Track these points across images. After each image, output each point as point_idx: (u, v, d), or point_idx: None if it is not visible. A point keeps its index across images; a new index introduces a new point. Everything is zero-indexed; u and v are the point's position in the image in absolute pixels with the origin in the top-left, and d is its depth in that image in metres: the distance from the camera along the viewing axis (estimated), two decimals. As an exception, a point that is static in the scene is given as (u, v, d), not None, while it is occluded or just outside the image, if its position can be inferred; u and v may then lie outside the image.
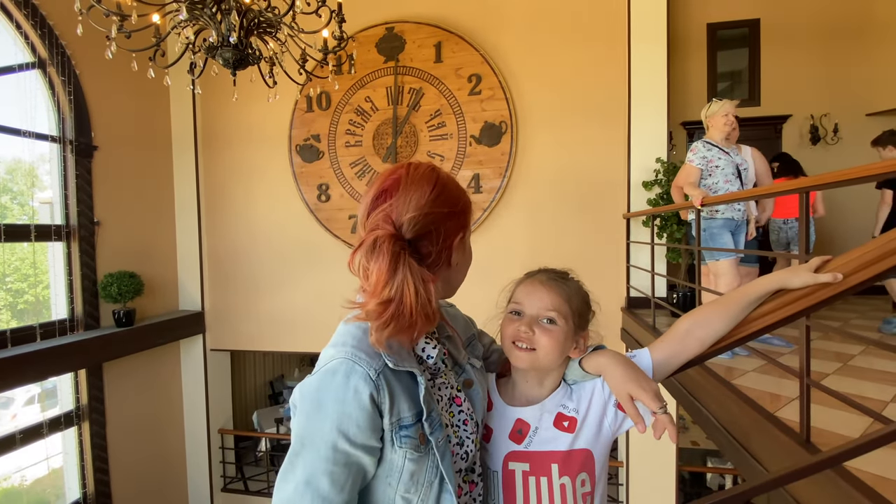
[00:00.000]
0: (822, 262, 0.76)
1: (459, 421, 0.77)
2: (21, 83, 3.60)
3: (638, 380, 0.76)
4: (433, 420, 0.69)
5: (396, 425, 0.65)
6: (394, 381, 0.66)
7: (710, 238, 2.72)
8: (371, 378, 0.64)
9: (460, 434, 0.76)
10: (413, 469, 0.66)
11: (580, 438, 0.79)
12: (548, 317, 0.81)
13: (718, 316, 0.81)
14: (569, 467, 0.78)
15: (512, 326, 0.83)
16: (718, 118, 2.83)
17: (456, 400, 0.78)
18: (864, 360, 2.40)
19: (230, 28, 1.94)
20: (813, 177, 1.54)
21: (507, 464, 0.80)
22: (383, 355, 0.66)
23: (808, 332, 1.42)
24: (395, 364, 0.66)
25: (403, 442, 0.65)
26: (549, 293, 0.82)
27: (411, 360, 0.70)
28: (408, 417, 0.67)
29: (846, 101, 4.89)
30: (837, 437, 1.56)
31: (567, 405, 0.82)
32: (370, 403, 0.63)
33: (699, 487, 4.98)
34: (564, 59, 4.13)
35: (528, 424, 0.81)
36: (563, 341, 0.81)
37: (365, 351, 0.66)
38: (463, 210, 0.76)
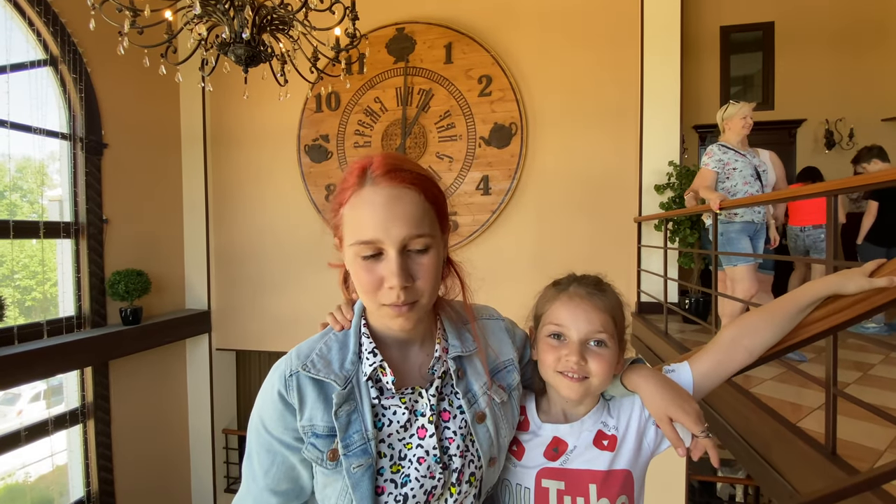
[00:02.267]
0: (876, 266, 0.72)
1: (413, 457, 0.66)
2: (32, 80, 3.61)
3: (678, 401, 0.70)
4: (351, 443, 0.63)
5: (308, 430, 0.64)
6: (309, 386, 0.65)
7: (727, 243, 2.66)
8: (284, 377, 0.65)
9: (405, 471, 0.65)
10: (324, 482, 0.65)
11: (620, 458, 0.74)
12: (597, 339, 0.73)
13: (767, 324, 0.76)
14: (608, 489, 0.72)
15: (555, 354, 0.74)
16: (736, 121, 2.78)
17: (419, 432, 0.67)
18: (885, 370, 2.34)
19: (243, 24, 1.92)
20: (839, 180, 1.49)
21: (541, 481, 0.74)
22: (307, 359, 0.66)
23: (835, 341, 1.37)
24: (308, 369, 0.65)
25: (308, 449, 0.64)
26: (595, 311, 0.74)
27: (340, 371, 0.66)
28: (320, 427, 0.64)
29: (861, 106, 4.82)
30: (864, 449, 1.50)
31: (608, 423, 0.76)
32: (279, 399, 0.64)
33: (709, 497, 4.90)
34: (576, 61, 4.09)
35: (565, 443, 0.75)
36: (614, 364, 0.75)
37: (299, 351, 0.68)
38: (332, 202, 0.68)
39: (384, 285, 0.62)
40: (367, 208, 0.61)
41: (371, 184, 0.62)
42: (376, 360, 0.67)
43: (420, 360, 0.72)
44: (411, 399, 0.68)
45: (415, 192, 0.63)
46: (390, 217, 0.60)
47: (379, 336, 0.70)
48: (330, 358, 0.67)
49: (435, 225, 0.65)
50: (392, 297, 0.62)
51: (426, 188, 0.64)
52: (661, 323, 3.20)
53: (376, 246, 0.61)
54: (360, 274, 0.63)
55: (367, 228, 0.61)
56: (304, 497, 0.69)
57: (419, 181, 0.64)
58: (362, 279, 0.63)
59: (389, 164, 0.63)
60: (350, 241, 0.63)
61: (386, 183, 0.61)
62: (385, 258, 0.62)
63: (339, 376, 0.66)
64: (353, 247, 0.62)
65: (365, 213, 0.61)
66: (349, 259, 0.64)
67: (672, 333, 3.10)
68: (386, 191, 0.61)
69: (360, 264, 0.62)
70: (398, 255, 0.61)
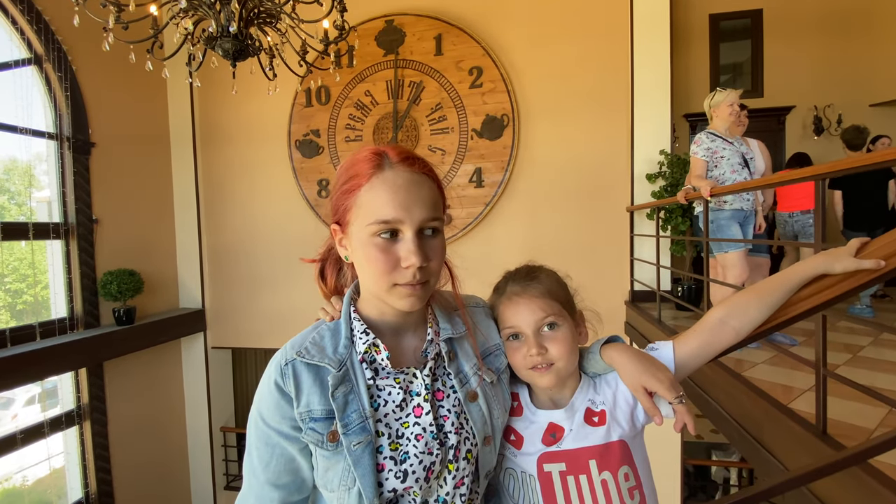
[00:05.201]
0: (860, 245, 0.74)
1: (411, 435, 0.68)
2: (17, 79, 3.55)
3: (651, 370, 0.73)
4: (350, 422, 0.65)
5: (306, 416, 0.66)
6: (304, 372, 0.67)
7: (717, 230, 2.69)
8: (280, 366, 0.67)
9: (404, 448, 0.67)
10: (326, 465, 0.66)
11: (613, 431, 0.76)
12: (547, 323, 0.77)
13: (755, 304, 0.77)
14: (608, 462, 0.74)
15: (520, 353, 0.77)
16: (723, 108, 2.79)
17: (416, 410, 0.69)
18: (875, 351, 2.38)
19: (229, 18, 1.90)
20: (827, 164, 1.51)
21: (542, 466, 0.76)
22: (301, 347, 0.68)
23: (824, 322, 1.39)
24: (303, 355, 0.67)
25: (308, 433, 0.66)
26: (534, 301, 0.77)
27: (334, 355, 0.68)
28: (317, 411, 0.66)
29: (849, 92, 4.86)
30: (854, 428, 1.53)
31: (594, 399, 0.78)
32: (276, 389, 0.66)
33: (704, 480, 4.98)
34: (566, 51, 4.09)
35: (560, 427, 0.77)
36: (572, 339, 0.78)
37: (294, 343, 0.70)
38: (332, 198, 0.70)
39: (400, 265, 0.64)
40: (389, 189, 0.64)
41: (390, 168, 0.65)
42: (369, 338, 0.70)
43: (413, 344, 0.75)
44: (405, 380, 0.71)
45: (430, 180, 0.67)
46: (411, 199, 0.64)
47: (372, 323, 0.72)
48: (323, 345, 0.69)
49: (441, 212, 0.69)
50: (408, 276, 0.64)
51: (436, 178, 0.69)
52: (654, 311, 3.23)
53: (395, 226, 0.64)
54: (374, 254, 0.64)
55: (388, 208, 0.63)
56: (305, 491, 0.70)
57: (431, 171, 0.69)
58: (377, 259, 0.64)
59: (406, 152, 0.67)
60: (368, 222, 0.64)
61: (405, 168, 0.65)
62: (402, 239, 0.64)
63: (332, 360, 0.68)
64: (370, 226, 0.64)
65: (386, 194, 0.63)
66: (361, 241, 0.65)
67: (665, 321, 3.13)
68: (407, 174, 0.65)
69: (377, 244, 0.64)
70: (416, 236, 0.64)
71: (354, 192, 0.65)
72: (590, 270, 3.98)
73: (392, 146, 0.68)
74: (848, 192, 3.55)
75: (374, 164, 0.65)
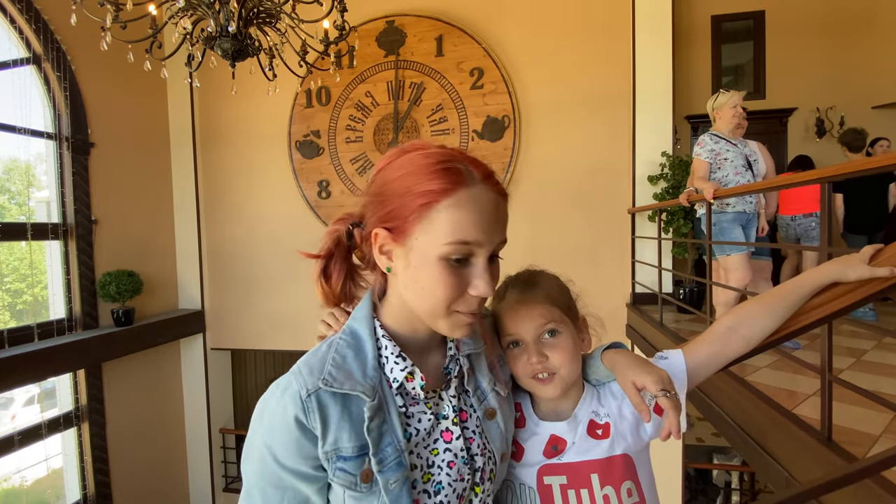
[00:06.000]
0: (874, 251, 0.72)
1: (442, 462, 0.63)
2: (16, 79, 3.53)
3: (643, 366, 0.71)
4: (386, 457, 0.58)
5: (333, 455, 0.58)
6: (331, 404, 0.58)
7: (720, 232, 2.67)
8: (301, 398, 0.57)
9: (437, 478, 0.62)
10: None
11: (617, 444, 0.73)
12: (548, 330, 0.74)
13: (765, 312, 0.75)
14: (610, 476, 0.72)
15: (520, 362, 0.74)
16: (726, 110, 2.77)
17: (444, 435, 0.64)
18: (878, 355, 2.36)
19: (229, 17, 1.89)
20: (832, 167, 1.49)
21: (543, 479, 0.73)
22: (325, 373, 0.59)
23: (830, 328, 1.37)
24: (330, 383, 0.58)
25: (338, 475, 0.58)
26: (534, 307, 0.74)
27: (364, 380, 0.60)
28: (347, 448, 0.58)
29: (852, 94, 4.83)
30: (859, 434, 1.51)
31: (598, 411, 0.76)
32: (296, 425, 0.57)
33: (705, 484, 4.95)
34: (568, 52, 4.07)
35: (563, 440, 0.74)
36: (573, 346, 0.75)
37: (310, 366, 0.60)
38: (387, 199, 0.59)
39: (468, 292, 0.58)
40: (475, 209, 0.57)
41: (475, 184, 0.58)
42: (406, 364, 0.63)
43: (436, 361, 0.69)
44: (434, 403, 0.66)
45: (504, 201, 0.62)
46: (494, 221, 0.59)
47: (400, 340, 0.65)
48: (348, 367, 0.61)
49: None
50: (472, 305, 0.59)
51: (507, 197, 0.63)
52: (655, 313, 3.21)
53: (473, 249, 0.57)
54: (443, 277, 0.57)
55: (472, 230, 0.56)
56: None
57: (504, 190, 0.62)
58: (446, 282, 0.57)
59: (489, 170, 0.61)
60: (444, 241, 0.56)
61: (490, 187, 0.59)
62: (473, 264, 0.58)
63: (364, 386, 0.60)
64: (446, 246, 0.56)
65: (472, 214, 0.56)
66: (427, 258, 0.57)
67: (667, 323, 3.11)
68: (491, 195, 0.59)
69: (447, 267, 0.57)
70: (487, 262, 0.59)
71: (430, 205, 0.56)
72: (591, 273, 3.96)
73: (467, 154, 0.61)
74: (849, 195, 3.53)
75: (457, 177, 0.57)
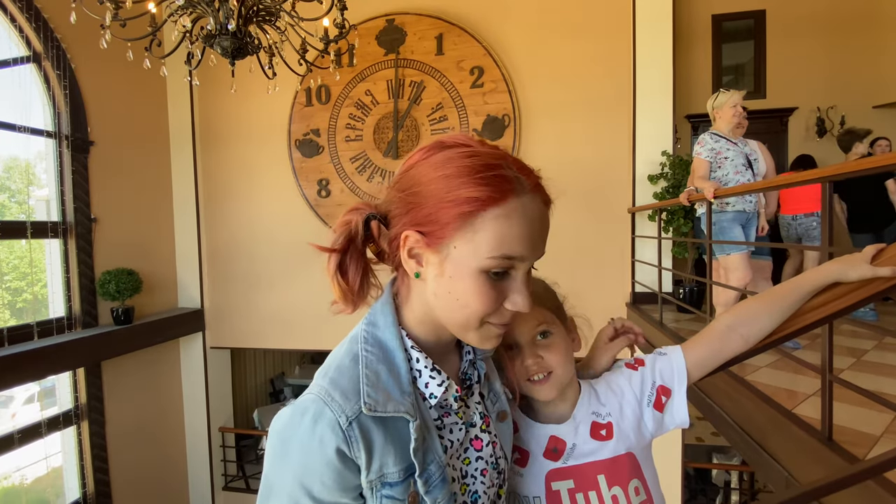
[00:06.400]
0: (876, 251, 0.71)
1: (475, 471, 0.62)
2: (16, 77, 3.53)
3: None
4: (431, 476, 0.55)
5: (378, 483, 0.54)
6: (374, 429, 0.54)
7: (720, 232, 2.67)
8: (341, 427, 0.52)
9: (472, 488, 0.61)
10: None
11: (621, 443, 0.73)
12: (540, 331, 0.73)
13: (765, 311, 0.75)
14: (617, 476, 0.71)
15: (515, 365, 0.74)
16: (726, 109, 2.77)
17: (475, 443, 0.63)
18: (878, 355, 2.35)
19: (228, 15, 1.88)
20: (833, 166, 1.49)
21: (550, 485, 0.72)
22: (361, 395, 0.54)
23: (830, 328, 1.37)
24: (372, 407, 0.53)
25: (384, 502, 0.54)
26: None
27: (403, 398, 0.56)
28: (393, 474, 0.54)
29: (853, 94, 4.83)
30: (859, 434, 1.51)
31: (599, 412, 0.75)
32: (337, 458, 0.52)
33: (704, 484, 4.95)
34: (568, 51, 4.07)
35: (563, 441, 0.74)
36: (566, 346, 0.75)
37: (342, 388, 0.54)
38: (423, 200, 0.53)
39: (505, 305, 0.55)
40: (524, 223, 0.52)
41: (525, 194, 0.53)
42: (442, 378, 0.59)
43: (455, 366, 0.66)
44: (462, 411, 0.63)
45: (549, 210, 0.57)
46: (540, 234, 0.55)
47: (423, 347, 0.61)
48: (385, 386, 0.56)
49: None
50: (506, 318, 0.56)
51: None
52: (655, 313, 3.21)
53: (514, 264, 0.53)
54: (482, 289, 0.53)
55: (519, 245, 0.52)
56: None
57: (549, 198, 0.58)
58: (485, 295, 0.53)
59: (538, 177, 0.56)
60: (489, 254, 0.52)
61: (539, 195, 0.55)
62: (513, 277, 0.55)
63: (406, 406, 0.56)
64: (490, 259, 0.52)
65: (521, 228, 0.52)
66: (466, 269, 0.53)
67: (667, 323, 3.11)
68: (540, 206, 0.55)
69: (486, 279, 0.53)
70: (526, 275, 0.56)
71: (476, 213, 0.51)
72: (591, 272, 3.96)
73: (515, 158, 0.55)
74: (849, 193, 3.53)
75: (507, 185, 0.52)
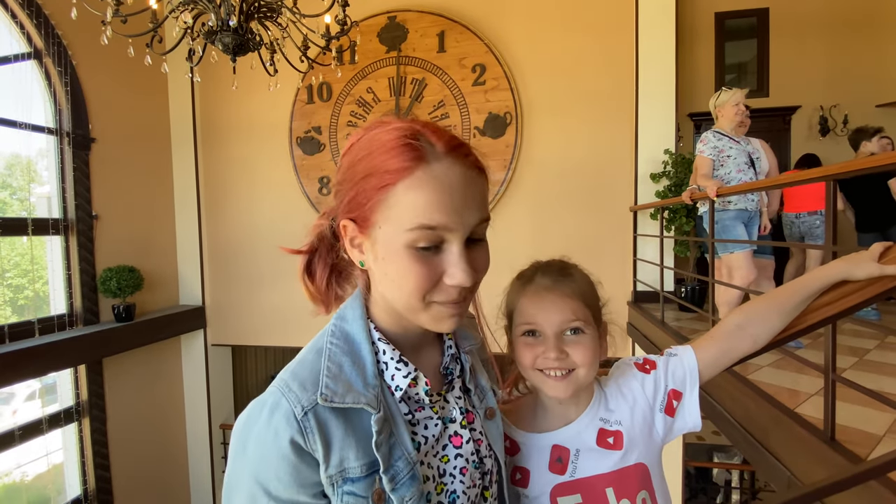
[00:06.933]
0: (883, 249, 0.70)
1: (454, 470, 0.59)
2: (17, 74, 3.52)
3: None
4: (398, 473, 0.53)
5: (338, 479, 0.51)
6: (332, 421, 0.51)
7: (722, 230, 2.66)
8: (295, 417, 0.50)
9: (450, 487, 0.58)
10: None
11: (631, 454, 0.69)
12: (572, 328, 0.68)
13: (775, 311, 0.73)
14: (626, 488, 0.68)
15: (532, 352, 0.68)
16: (728, 107, 2.76)
17: (454, 440, 0.60)
18: (881, 355, 2.35)
19: (229, 11, 1.88)
20: (838, 164, 1.48)
21: (556, 501, 0.68)
22: (320, 386, 0.52)
23: (834, 327, 1.36)
24: (329, 398, 0.51)
25: (345, 500, 0.51)
26: (564, 300, 0.68)
27: (366, 390, 0.54)
28: (355, 469, 0.51)
29: (856, 92, 4.81)
30: (862, 434, 1.50)
31: (607, 418, 0.71)
32: (292, 450, 0.49)
33: (705, 482, 4.95)
34: (571, 49, 4.05)
35: (566, 449, 0.69)
36: (596, 348, 0.69)
37: (301, 379, 0.53)
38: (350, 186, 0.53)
39: (444, 281, 0.52)
40: (437, 189, 0.50)
41: (437, 160, 0.50)
42: (409, 370, 0.57)
43: (434, 360, 0.64)
44: (439, 406, 0.61)
45: (481, 174, 0.54)
46: (465, 200, 0.51)
47: (391, 339, 0.59)
48: (347, 377, 0.54)
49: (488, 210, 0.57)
50: (452, 294, 0.53)
51: (485, 170, 0.56)
52: (657, 312, 3.20)
53: (441, 234, 0.51)
54: (411, 267, 0.51)
55: (436, 212, 0.50)
56: None
57: (480, 161, 0.55)
58: (416, 273, 0.51)
59: (455, 139, 0.53)
60: (406, 227, 0.50)
61: (456, 160, 0.52)
62: (447, 250, 0.52)
63: (368, 398, 0.53)
64: (409, 232, 0.50)
65: (433, 194, 0.49)
66: (393, 248, 0.52)
67: (668, 322, 3.10)
68: (459, 169, 0.51)
69: (416, 255, 0.51)
70: (464, 246, 0.52)
71: (387, 188, 0.50)
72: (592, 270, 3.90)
73: (432, 126, 0.53)
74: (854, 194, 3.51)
75: (415, 153, 0.50)
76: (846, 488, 0.66)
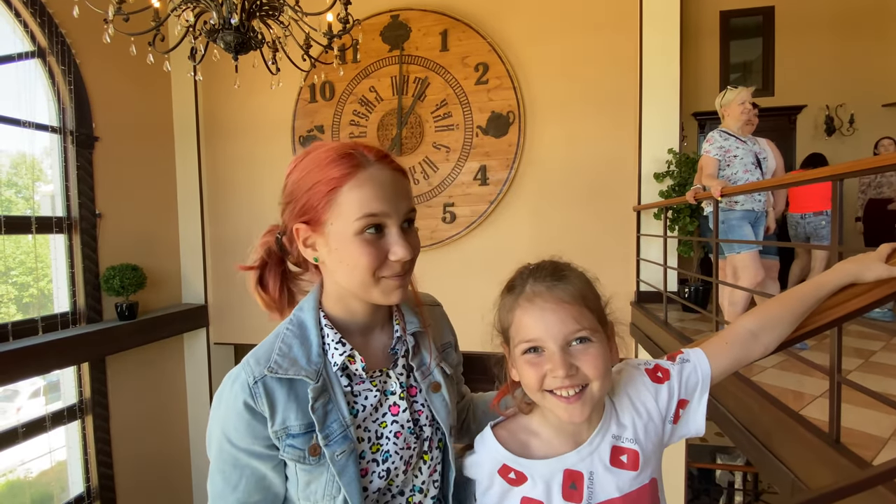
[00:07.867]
0: (891, 250, 0.69)
1: (390, 434, 0.69)
2: (21, 72, 3.53)
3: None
4: (332, 433, 0.65)
5: (282, 434, 0.64)
6: (277, 388, 0.64)
7: (729, 230, 2.63)
8: (248, 385, 0.64)
9: (385, 448, 0.68)
10: (308, 479, 0.65)
11: (645, 473, 0.66)
12: (578, 337, 0.62)
13: (788, 315, 0.72)
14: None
15: (538, 372, 0.62)
16: (734, 106, 2.73)
17: (392, 409, 0.70)
18: (887, 357, 2.32)
19: (231, 10, 1.87)
20: (844, 164, 1.46)
21: None
22: (270, 362, 0.65)
23: (840, 328, 1.34)
24: (275, 370, 0.64)
25: (287, 451, 0.64)
26: (563, 307, 0.62)
27: (309, 366, 0.66)
28: (295, 427, 0.64)
29: (862, 92, 4.77)
30: (867, 436, 1.48)
31: (619, 434, 0.66)
32: (245, 410, 0.63)
33: (708, 484, 4.93)
34: (574, 48, 4.03)
35: (579, 473, 0.64)
36: (606, 355, 0.63)
37: (258, 357, 0.67)
38: (299, 196, 0.68)
39: (389, 258, 0.65)
40: (375, 184, 0.64)
41: (370, 165, 0.65)
42: (345, 349, 0.68)
43: (383, 342, 0.75)
44: (380, 381, 0.71)
45: (404, 176, 0.69)
46: (397, 192, 0.65)
47: (341, 325, 0.71)
48: (294, 355, 0.67)
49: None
50: (396, 269, 0.65)
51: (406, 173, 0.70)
52: (660, 312, 3.18)
53: (382, 220, 0.64)
54: (362, 249, 0.63)
55: (376, 203, 0.63)
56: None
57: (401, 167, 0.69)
58: (365, 254, 0.63)
59: (382, 151, 0.67)
60: (354, 217, 0.63)
61: (385, 165, 0.66)
62: (388, 233, 0.65)
63: (308, 371, 0.66)
64: (357, 221, 0.63)
65: (372, 189, 0.63)
66: (345, 238, 0.64)
67: (672, 322, 3.08)
68: (388, 171, 0.66)
69: (365, 239, 0.63)
70: (401, 229, 0.65)
71: (336, 190, 0.63)
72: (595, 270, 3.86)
73: (360, 142, 0.68)
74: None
75: (353, 162, 0.64)
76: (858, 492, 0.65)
